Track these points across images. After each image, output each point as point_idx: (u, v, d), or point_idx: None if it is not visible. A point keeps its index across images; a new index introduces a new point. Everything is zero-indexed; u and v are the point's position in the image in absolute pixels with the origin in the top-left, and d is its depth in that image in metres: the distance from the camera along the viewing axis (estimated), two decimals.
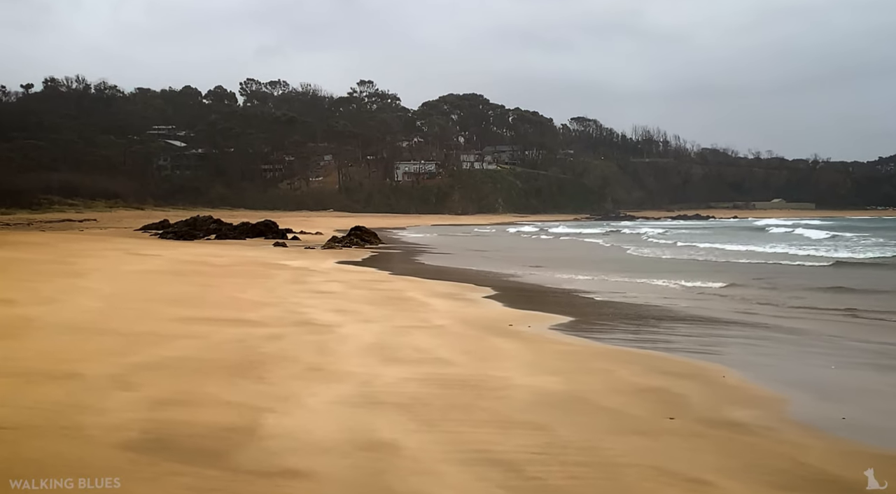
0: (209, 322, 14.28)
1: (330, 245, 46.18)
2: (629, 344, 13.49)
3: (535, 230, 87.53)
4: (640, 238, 62.31)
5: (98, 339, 12.08)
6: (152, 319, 14.37)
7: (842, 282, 24.15)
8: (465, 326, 14.93)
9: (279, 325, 14.21)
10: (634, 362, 11.52)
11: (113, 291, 18.60)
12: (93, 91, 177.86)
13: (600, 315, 17.74)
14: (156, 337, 12.43)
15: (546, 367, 10.95)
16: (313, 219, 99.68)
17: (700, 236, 62.43)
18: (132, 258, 31.00)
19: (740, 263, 33.95)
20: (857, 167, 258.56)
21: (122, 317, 14.50)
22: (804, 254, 37.81)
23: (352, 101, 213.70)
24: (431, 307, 17.99)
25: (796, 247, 43.29)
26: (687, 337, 14.48)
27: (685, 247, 47.72)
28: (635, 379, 10.30)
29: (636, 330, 15.36)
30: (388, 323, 15.03)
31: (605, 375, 10.53)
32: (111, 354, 10.86)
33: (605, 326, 15.91)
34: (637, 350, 12.74)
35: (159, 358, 10.73)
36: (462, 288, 23.03)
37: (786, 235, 63.42)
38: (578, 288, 23.83)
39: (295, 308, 16.87)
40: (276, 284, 22.17)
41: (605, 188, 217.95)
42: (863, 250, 40.77)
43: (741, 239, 54.75)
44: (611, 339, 13.94)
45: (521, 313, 17.29)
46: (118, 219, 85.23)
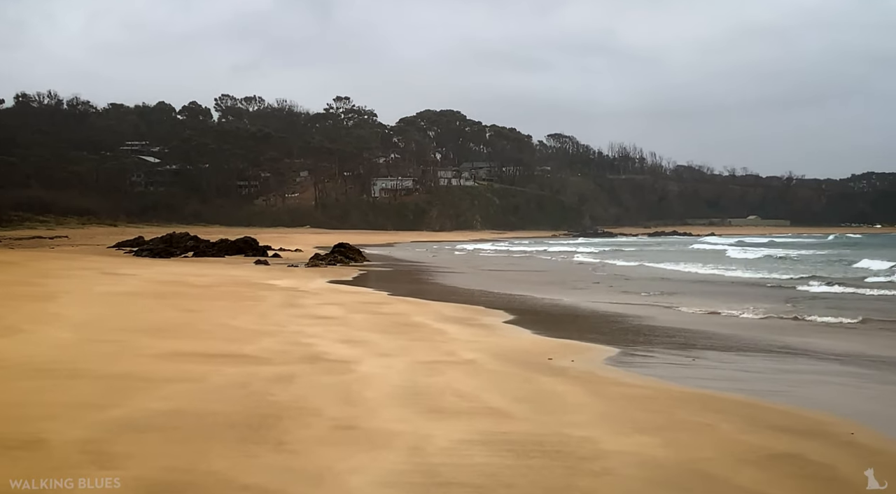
0: (202, 358, 12.03)
1: (314, 263, 44.03)
2: (700, 383, 11.37)
3: (517, 248, 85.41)
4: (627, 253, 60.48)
5: (68, 386, 9.79)
6: (134, 355, 12.11)
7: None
8: (500, 361, 12.77)
9: (285, 361, 12.00)
10: (729, 411, 9.40)
11: (86, 318, 16.28)
12: (65, 107, 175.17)
13: (641, 342, 15.68)
14: (139, 380, 10.18)
15: (629, 421, 8.78)
16: (290, 236, 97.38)
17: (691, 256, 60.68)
18: (106, 278, 28.61)
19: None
20: (830, 184, 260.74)
21: (97, 353, 12.21)
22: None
23: (328, 117, 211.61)
24: (449, 335, 15.86)
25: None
26: (759, 374, 12.44)
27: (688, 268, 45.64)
28: (750, 440, 8.17)
29: (692, 362, 13.29)
30: (408, 357, 12.86)
31: (708, 433, 8.39)
32: (84, 407, 8.61)
33: (655, 358, 13.84)
34: (719, 393, 10.58)
35: (146, 413, 8.49)
36: (473, 311, 20.98)
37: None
38: (598, 309, 21.88)
39: (297, 337, 14.67)
40: (268, 308, 19.91)
41: (583, 205, 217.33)
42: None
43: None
44: (676, 378, 11.81)
45: (554, 342, 15.21)
46: (91, 236, 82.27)
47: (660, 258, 52.81)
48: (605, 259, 55.00)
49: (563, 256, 61.61)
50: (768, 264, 44.97)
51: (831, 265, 43.73)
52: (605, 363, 13.01)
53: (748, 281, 33.00)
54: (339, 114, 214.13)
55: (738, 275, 36.44)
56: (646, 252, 67.77)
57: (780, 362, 13.57)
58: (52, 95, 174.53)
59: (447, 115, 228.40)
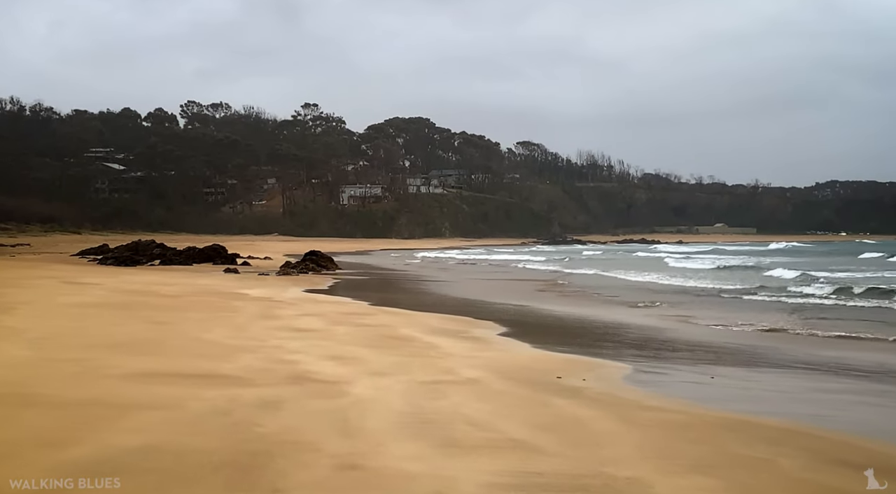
0: (176, 379, 10.67)
1: (285, 271, 42.62)
2: (732, 405, 10.18)
3: (493, 257, 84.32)
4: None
5: (20, 417, 8.40)
6: (98, 376, 10.73)
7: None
8: (506, 380, 11.56)
9: (270, 382, 10.69)
10: (782, 442, 8.22)
11: (45, 333, 14.82)
12: (28, 113, 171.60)
13: (648, 357, 14.65)
14: (105, 407, 8.84)
15: (676, 456, 7.57)
16: (258, 244, 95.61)
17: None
18: (69, 288, 27.01)
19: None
20: (794, 192, 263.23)
21: (56, 374, 10.82)
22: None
23: (296, 124, 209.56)
24: (443, 350, 14.65)
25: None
26: (789, 394, 11.39)
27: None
28: (821, 480, 7.02)
29: (712, 381, 12.16)
30: (405, 375, 11.62)
31: (769, 471, 7.21)
32: (39, 445, 7.28)
33: (670, 374, 12.75)
34: (760, 419, 9.39)
35: (113, 451, 7.15)
36: (462, 322, 19.83)
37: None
38: (587, 318, 20.82)
39: (279, 353, 13.35)
40: (243, 320, 18.56)
41: (552, 212, 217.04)
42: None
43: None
44: (704, 399, 10.64)
45: (557, 357, 14.08)
46: (53, 244, 79.84)
47: (629, 266, 52.27)
48: (574, 268, 53.98)
49: (534, 264, 60.51)
50: (715, 273, 44.67)
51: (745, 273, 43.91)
52: (623, 382, 11.85)
53: (695, 290, 32.62)
54: (307, 121, 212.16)
55: (680, 284, 36.36)
56: (615, 260, 67.06)
57: (805, 379, 12.53)
58: (15, 101, 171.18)
59: (416, 123, 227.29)
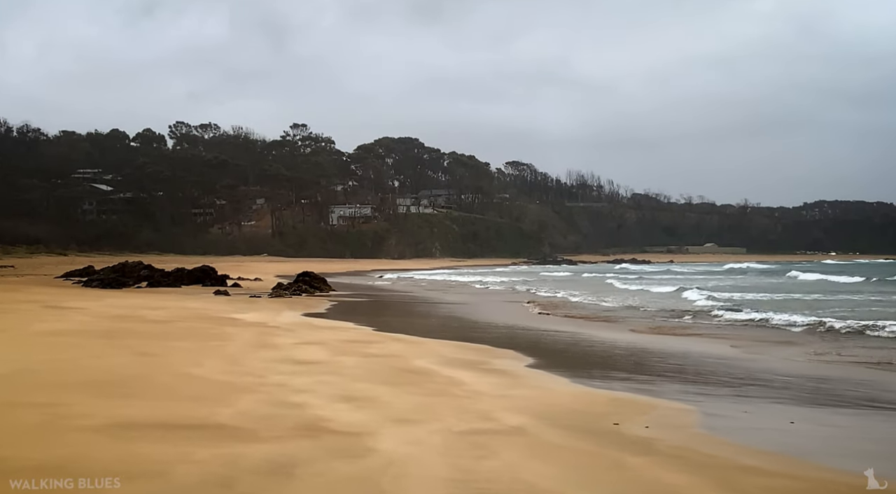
0: (162, 432, 8.75)
1: (277, 293, 40.74)
2: (845, 463, 8.24)
3: (487, 278, 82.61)
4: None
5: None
6: (64, 429, 8.75)
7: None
8: (558, 429, 9.62)
9: (277, 435, 8.76)
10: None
11: (12, 368, 12.82)
12: (15, 134, 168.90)
13: (698, 392, 12.82)
14: (69, 476, 6.90)
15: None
16: (248, 264, 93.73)
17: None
18: (48, 313, 25.03)
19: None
20: (783, 212, 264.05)
21: (15, 427, 8.84)
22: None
23: (285, 144, 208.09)
24: (469, 386, 12.75)
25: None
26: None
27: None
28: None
29: (793, 427, 10.33)
30: (436, 423, 9.68)
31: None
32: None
33: (740, 418, 10.80)
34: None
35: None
36: (478, 350, 17.97)
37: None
38: (609, 342, 18.97)
39: (283, 394, 11.41)
40: (238, 350, 16.62)
41: (542, 232, 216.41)
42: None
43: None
44: (810, 452, 8.74)
45: (604, 396, 12.23)
46: (38, 266, 77.50)
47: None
48: (566, 289, 52.24)
49: (533, 287, 58.67)
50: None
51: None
52: (697, 430, 9.92)
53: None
54: (296, 141, 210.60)
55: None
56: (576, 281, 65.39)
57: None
58: (2, 123, 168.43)
59: (405, 143, 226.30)
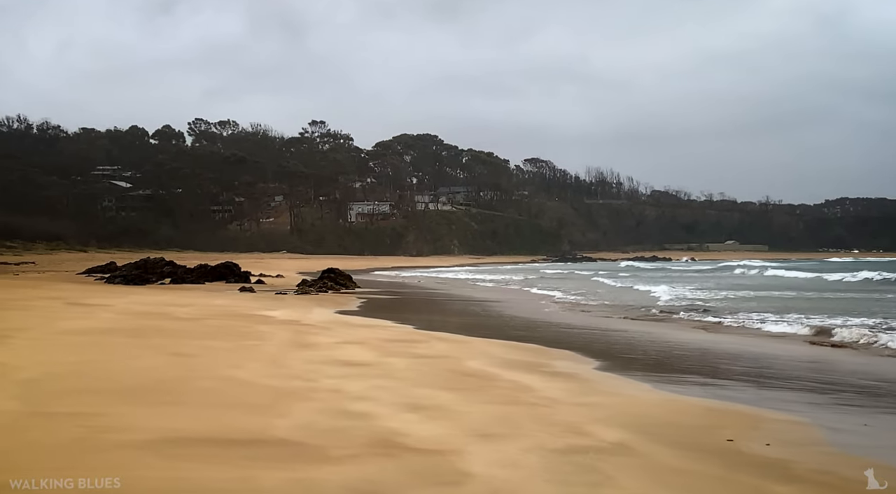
0: (215, 449, 7.82)
1: (304, 290, 40.34)
2: None
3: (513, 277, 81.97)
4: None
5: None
6: (106, 446, 7.70)
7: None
8: (666, 447, 8.51)
9: (348, 452, 7.75)
10: None
11: (40, 372, 11.91)
12: (35, 131, 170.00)
13: (814, 400, 11.82)
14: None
15: None
16: (267, 261, 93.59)
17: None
18: (73, 310, 24.50)
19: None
20: (804, 209, 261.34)
21: (48, 441, 7.88)
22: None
23: (303, 141, 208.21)
24: (539, 392, 11.73)
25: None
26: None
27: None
28: None
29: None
30: (525, 439, 8.60)
31: None
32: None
33: (865, 432, 9.77)
34: None
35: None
36: (530, 351, 17.11)
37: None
38: (671, 340, 18.24)
39: (340, 401, 10.46)
40: (276, 349, 15.93)
41: (561, 229, 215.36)
42: None
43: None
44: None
45: (695, 404, 11.15)
46: (59, 262, 77.43)
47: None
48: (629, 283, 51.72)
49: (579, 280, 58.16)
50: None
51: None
52: (832, 448, 8.73)
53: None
54: (314, 138, 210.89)
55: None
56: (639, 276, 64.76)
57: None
58: (22, 120, 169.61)
59: (424, 139, 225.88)
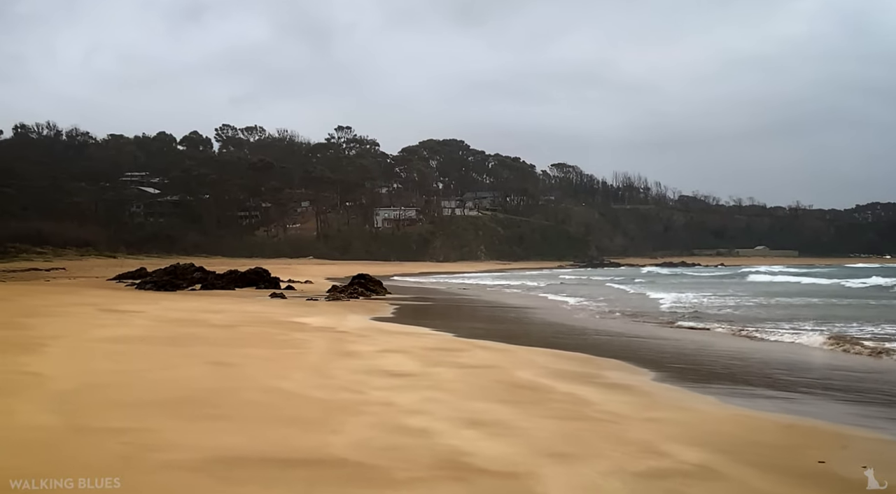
0: (273, 469, 7.08)
1: (334, 296, 39.26)
2: None
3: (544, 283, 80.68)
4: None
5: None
6: (155, 466, 7.07)
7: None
8: (753, 469, 7.65)
9: (416, 477, 6.99)
10: None
11: (77, 383, 11.24)
12: (64, 137, 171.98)
13: (887, 415, 10.95)
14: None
15: None
16: (295, 267, 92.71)
17: None
18: (106, 317, 23.70)
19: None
20: (835, 214, 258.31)
21: (91, 461, 7.14)
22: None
23: (330, 147, 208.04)
24: (599, 406, 10.91)
25: None
26: None
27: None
28: None
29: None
30: (600, 460, 7.81)
31: None
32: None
33: None
34: None
35: None
36: (580, 360, 16.12)
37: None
38: (726, 349, 17.16)
39: (393, 416, 9.63)
40: (318, 358, 15.00)
41: (589, 235, 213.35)
42: None
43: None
44: None
45: (771, 420, 10.24)
46: (89, 268, 77.06)
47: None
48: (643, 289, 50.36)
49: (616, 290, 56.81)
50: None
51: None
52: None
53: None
54: (340, 143, 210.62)
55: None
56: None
57: None
58: (52, 126, 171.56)
59: (450, 145, 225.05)
